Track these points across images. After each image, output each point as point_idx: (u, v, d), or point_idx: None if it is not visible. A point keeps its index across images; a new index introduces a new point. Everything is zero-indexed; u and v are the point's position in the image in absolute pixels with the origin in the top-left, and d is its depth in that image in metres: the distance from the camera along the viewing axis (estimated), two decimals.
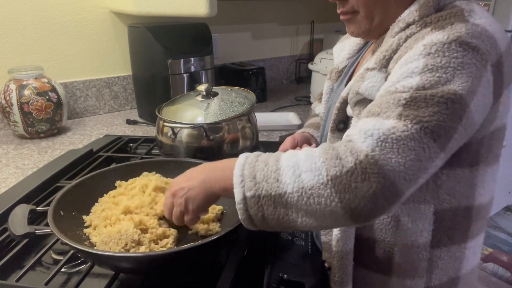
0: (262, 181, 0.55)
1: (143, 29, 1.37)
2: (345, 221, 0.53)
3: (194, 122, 0.96)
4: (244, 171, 0.57)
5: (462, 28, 0.57)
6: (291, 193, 0.53)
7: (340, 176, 0.51)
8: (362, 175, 0.51)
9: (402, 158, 0.51)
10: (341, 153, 0.53)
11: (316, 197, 0.52)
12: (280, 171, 0.54)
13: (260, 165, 0.56)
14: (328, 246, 0.75)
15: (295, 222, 0.55)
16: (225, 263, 0.65)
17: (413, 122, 0.53)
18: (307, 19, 2.26)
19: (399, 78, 0.58)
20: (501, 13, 2.11)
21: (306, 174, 0.53)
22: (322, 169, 0.52)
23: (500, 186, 2.65)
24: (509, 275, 2.18)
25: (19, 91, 1.26)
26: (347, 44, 0.92)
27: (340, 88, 0.86)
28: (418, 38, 0.60)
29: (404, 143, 0.52)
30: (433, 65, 0.56)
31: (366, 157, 0.51)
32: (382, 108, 0.56)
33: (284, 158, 0.56)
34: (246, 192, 0.55)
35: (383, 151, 0.52)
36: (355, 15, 0.72)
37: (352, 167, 0.51)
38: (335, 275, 0.71)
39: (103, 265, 0.64)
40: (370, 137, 0.53)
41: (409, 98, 0.54)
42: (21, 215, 0.68)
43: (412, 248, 0.69)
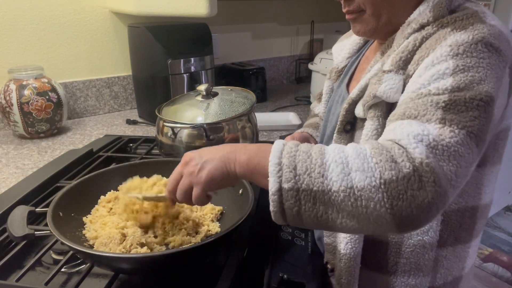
0: (303, 174, 0.50)
1: (143, 29, 1.37)
2: (390, 228, 0.49)
3: (194, 122, 0.96)
4: (282, 159, 0.51)
5: (484, 28, 0.57)
6: (336, 192, 0.49)
7: (396, 181, 0.47)
8: (419, 183, 0.47)
9: (453, 166, 0.49)
10: (396, 156, 0.49)
11: (364, 199, 0.48)
12: (326, 166, 0.50)
13: (302, 156, 0.51)
14: (331, 248, 0.75)
15: (333, 222, 0.50)
16: (225, 263, 0.65)
17: (459, 127, 0.51)
18: (307, 19, 2.26)
19: (429, 80, 0.57)
20: (501, 13, 2.11)
21: (357, 174, 0.48)
22: (376, 171, 0.48)
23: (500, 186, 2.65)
24: (509, 275, 2.18)
25: (19, 91, 1.26)
26: (347, 44, 0.92)
27: (341, 88, 0.86)
28: (439, 39, 0.60)
29: (455, 149, 0.50)
30: (464, 65, 0.55)
31: (421, 164, 0.48)
32: (419, 111, 0.54)
33: (330, 152, 0.51)
34: (284, 183, 0.50)
35: (436, 158, 0.49)
36: (361, 14, 0.71)
37: (410, 173, 0.48)
38: (341, 277, 0.71)
39: (103, 266, 0.64)
40: (421, 142, 0.50)
41: (448, 101, 0.53)
42: (20, 216, 0.68)
43: (418, 248, 0.69)
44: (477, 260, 2.28)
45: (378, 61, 0.71)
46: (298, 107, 1.74)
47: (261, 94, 1.82)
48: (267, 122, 1.45)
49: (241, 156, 0.56)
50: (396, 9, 0.69)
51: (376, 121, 0.65)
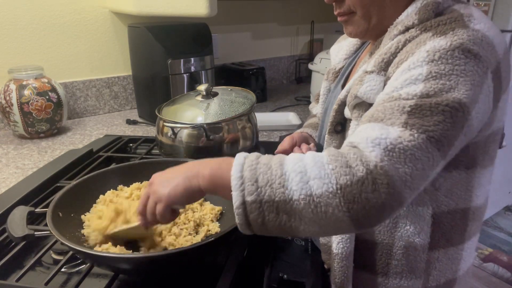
0: (265, 186, 0.52)
1: (143, 29, 1.37)
2: (349, 228, 0.52)
3: (194, 122, 0.96)
4: (243, 172, 0.53)
5: (464, 34, 0.57)
6: (297, 200, 0.51)
7: (351, 185, 0.50)
8: (373, 186, 0.49)
9: (408, 168, 0.51)
10: (351, 161, 0.51)
11: (323, 205, 0.50)
12: (286, 176, 0.52)
13: (263, 168, 0.53)
14: (326, 248, 0.75)
15: (297, 228, 0.53)
16: (225, 263, 0.65)
17: (419, 132, 0.52)
18: (307, 19, 2.26)
19: (402, 84, 0.57)
20: (501, 13, 2.11)
21: (315, 181, 0.50)
22: (332, 177, 0.50)
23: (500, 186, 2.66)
24: (509, 275, 2.18)
25: (19, 91, 1.26)
26: (344, 45, 0.92)
27: (337, 89, 0.86)
28: (419, 43, 0.60)
29: (411, 153, 0.51)
30: (437, 72, 0.55)
31: (375, 167, 0.50)
32: (386, 114, 0.55)
33: (289, 162, 0.53)
34: (247, 196, 0.52)
35: (391, 161, 0.51)
36: (352, 15, 0.72)
37: (363, 176, 0.50)
38: (335, 277, 0.71)
39: (102, 266, 0.64)
40: (378, 146, 0.52)
41: (414, 106, 0.54)
42: (19, 217, 0.68)
43: (410, 250, 0.69)
44: (477, 260, 2.28)
45: (366, 62, 0.71)
46: (298, 107, 1.74)
47: (261, 94, 1.82)
48: (267, 122, 1.45)
49: (204, 171, 0.57)
50: (386, 10, 0.69)
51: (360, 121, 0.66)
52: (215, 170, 0.57)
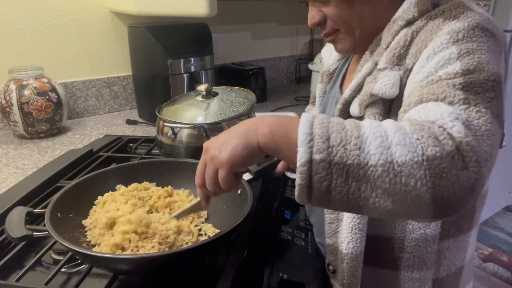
0: (338, 145, 0.46)
1: (143, 29, 1.37)
2: (426, 211, 0.45)
3: (194, 122, 0.96)
4: (314, 129, 0.47)
5: (476, 15, 0.59)
6: (374, 166, 0.44)
7: (441, 158, 0.44)
8: (462, 162, 0.44)
9: (488, 146, 0.47)
10: (438, 134, 0.46)
11: (405, 176, 0.44)
12: (363, 139, 0.46)
13: (336, 127, 0.47)
14: (333, 249, 0.75)
15: (366, 200, 0.46)
16: (225, 264, 0.65)
17: (484, 107, 0.50)
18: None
19: (435, 67, 0.56)
20: (501, 13, 2.11)
21: (397, 148, 0.45)
22: (418, 146, 0.45)
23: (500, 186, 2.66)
24: (509, 275, 2.18)
25: (19, 91, 1.26)
26: None
27: (334, 90, 0.86)
28: (433, 30, 0.60)
29: (486, 128, 0.48)
30: (467, 49, 0.56)
31: (461, 143, 0.45)
32: (438, 95, 0.52)
33: (367, 125, 0.48)
34: (315, 154, 0.46)
35: (475, 137, 0.46)
36: (337, 34, 0.75)
37: (453, 151, 0.44)
38: (344, 278, 0.71)
39: (101, 267, 0.64)
40: (457, 120, 0.47)
41: (463, 83, 0.52)
42: (17, 217, 0.68)
43: (421, 241, 0.69)
44: (477, 260, 2.28)
45: (367, 60, 0.72)
46: (298, 107, 1.74)
47: (261, 94, 1.82)
48: None
49: (263, 128, 0.52)
50: (366, 20, 0.71)
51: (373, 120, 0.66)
52: (276, 126, 0.51)
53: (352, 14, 0.70)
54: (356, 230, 0.69)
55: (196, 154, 0.96)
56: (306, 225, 0.87)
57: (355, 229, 0.69)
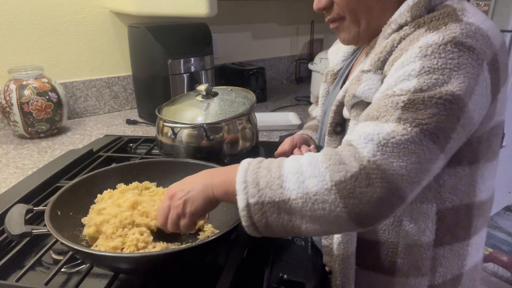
0: (265, 188, 0.54)
1: (143, 29, 1.37)
2: (350, 226, 0.53)
3: (194, 122, 0.96)
4: (247, 177, 0.56)
5: (457, 28, 0.57)
6: (295, 199, 0.52)
7: (345, 181, 0.51)
8: (366, 180, 0.50)
9: (403, 161, 0.51)
10: (345, 158, 0.53)
11: (320, 202, 0.51)
12: (284, 177, 0.54)
13: (263, 172, 0.56)
14: (329, 250, 0.75)
15: (299, 228, 0.54)
16: (225, 263, 0.65)
17: (412, 125, 0.53)
18: (307, 19, 2.26)
19: (396, 81, 0.58)
20: (501, 13, 2.11)
21: (310, 180, 0.52)
22: (326, 175, 0.52)
23: (500, 186, 2.66)
24: (509, 275, 2.18)
25: (19, 91, 1.26)
26: (342, 47, 0.92)
27: (336, 91, 0.86)
28: (413, 40, 0.60)
29: (404, 146, 0.52)
30: (430, 67, 0.56)
31: (368, 162, 0.51)
32: (380, 112, 0.56)
33: (286, 164, 0.56)
34: (250, 198, 0.55)
35: (384, 156, 0.51)
36: (342, 21, 0.73)
37: (357, 172, 0.51)
38: (336, 278, 0.71)
39: (101, 266, 0.64)
40: (371, 141, 0.53)
41: (407, 101, 0.54)
42: (18, 214, 0.68)
43: (415, 247, 0.69)
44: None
45: (362, 62, 0.72)
46: (298, 107, 1.74)
47: (261, 94, 1.82)
48: (267, 122, 1.45)
49: (216, 180, 0.61)
50: (373, 12, 0.70)
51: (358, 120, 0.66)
52: (224, 178, 0.60)
53: (360, 2, 0.69)
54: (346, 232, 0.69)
55: (196, 154, 0.96)
56: None
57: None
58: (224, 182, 0.60)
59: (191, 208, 0.62)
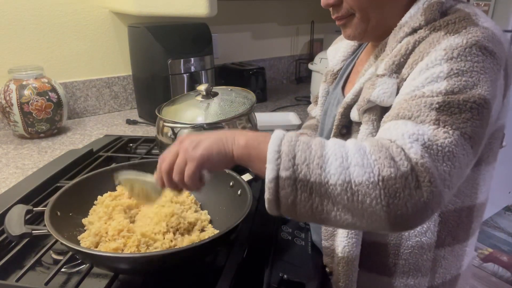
0: (302, 164, 0.49)
1: (143, 29, 1.37)
2: (383, 225, 0.49)
3: (194, 122, 0.96)
4: (282, 147, 0.51)
5: (478, 31, 0.57)
6: (333, 185, 0.48)
7: (394, 178, 0.47)
8: (416, 182, 0.47)
9: (447, 166, 0.49)
10: (395, 154, 0.49)
11: (361, 194, 0.48)
12: (325, 158, 0.49)
13: (302, 146, 0.51)
14: (330, 251, 0.75)
15: (328, 214, 0.50)
16: (225, 263, 0.65)
17: (453, 128, 0.51)
18: (307, 19, 2.26)
19: (423, 82, 0.57)
20: (501, 13, 2.11)
21: (355, 168, 0.48)
22: (375, 167, 0.48)
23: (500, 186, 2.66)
24: (509, 275, 2.18)
25: (19, 91, 1.26)
26: (341, 47, 0.92)
27: (336, 91, 0.86)
28: (433, 43, 0.59)
29: (449, 150, 0.50)
30: (458, 69, 0.55)
31: (416, 164, 0.48)
32: (413, 112, 0.54)
33: (331, 145, 0.51)
34: (281, 171, 0.49)
35: (431, 158, 0.49)
36: (350, 18, 0.72)
37: (407, 171, 0.48)
38: (339, 280, 0.71)
39: (101, 266, 0.64)
40: (416, 142, 0.50)
41: (441, 103, 0.53)
42: (17, 215, 0.68)
43: (417, 249, 0.69)
44: (477, 260, 2.28)
45: (372, 65, 0.71)
46: (298, 107, 1.74)
47: (261, 94, 1.82)
48: (267, 122, 1.45)
49: (240, 139, 0.55)
50: (384, 11, 0.69)
51: (371, 125, 0.66)
52: (251, 140, 0.55)
53: (371, 1, 0.68)
54: (352, 235, 0.69)
55: None
56: (306, 225, 0.87)
57: (351, 233, 0.69)
58: (250, 144, 0.54)
59: (202, 152, 0.56)
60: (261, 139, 0.54)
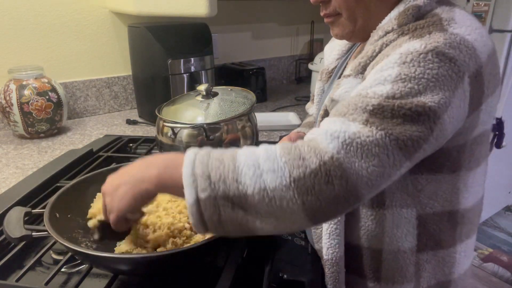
0: (218, 181, 0.50)
1: (143, 29, 1.37)
2: (304, 222, 0.51)
3: (194, 122, 0.96)
4: (195, 169, 0.51)
5: (440, 37, 0.56)
6: (251, 195, 0.49)
7: (304, 177, 0.49)
8: (326, 177, 0.49)
9: (365, 163, 0.50)
10: (305, 153, 0.51)
11: (278, 199, 0.49)
12: (239, 170, 0.50)
13: (215, 163, 0.51)
14: (320, 254, 0.75)
15: (253, 224, 0.51)
16: (225, 263, 0.65)
17: (378, 129, 0.52)
18: (307, 19, 2.26)
19: (371, 83, 0.57)
20: (501, 13, 2.11)
21: (268, 175, 0.50)
22: (285, 170, 0.50)
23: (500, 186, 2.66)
24: (509, 275, 2.19)
25: (19, 91, 1.26)
26: (336, 45, 0.92)
27: (330, 89, 0.86)
28: (395, 46, 0.59)
29: (368, 148, 0.51)
30: (407, 74, 0.54)
31: (330, 159, 0.50)
32: (349, 110, 0.55)
33: (241, 156, 0.52)
34: (200, 193, 0.50)
35: (347, 154, 0.50)
36: (338, 17, 0.72)
37: (316, 168, 0.49)
38: (327, 282, 0.72)
39: (101, 267, 0.64)
40: (336, 139, 0.52)
41: (376, 105, 0.53)
42: (16, 217, 0.67)
43: (398, 253, 0.69)
44: (477, 260, 2.28)
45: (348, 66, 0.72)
46: (298, 107, 1.74)
47: (261, 94, 1.82)
48: (267, 122, 1.45)
49: (151, 172, 0.56)
50: (371, 12, 0.69)
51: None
52: (162, 170, 0.55)
53: (359, 2, 0.68)
54: (333, 236, 0.69)
55: None
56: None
57: (332, 234, 0.70)
58: (162, 175, 0.55)
59: (118, 206, 0.58)
60: (172, 165, 0.55)
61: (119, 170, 0.61)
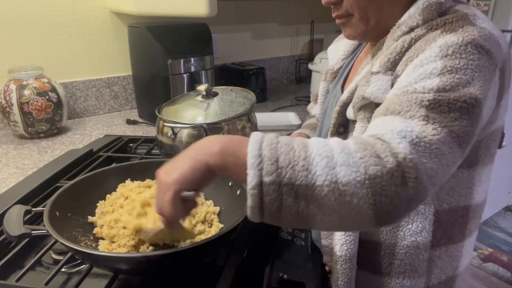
0: (286, 167, 0.47)
1: (143, 29, 1.37)
2: (369, 223, 0.48)
3: (194, 122, 0.96)
4: (263, 151, 0.48)
5: (474, 30, 0.57)
6: (320, 186, 0.46)
7: (381, 176, 0.46)
8: (402, 179, 0.47)
9: (434, 163, 0.49)
10: (380, 152, 0.48)
11: (349, 194, 0.46)
12: (310, 159, 0.47)
13: (284, 148, 0.48)
14: (329, 250, 0.75)
15: (313, 217, 0.48)
16: (225, 263, 0.65)
17: (441, 126, 0.51)
18: (307, 19, 2.26)
19: (416, 79, 0.57)
20: (501, 13, 2.11)
21: (342, 168, 0.47)
22: (361, 166, 0.47)
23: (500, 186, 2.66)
24: (509, 275, 2.18)
25: (19, 91, 1.26)
26: (341, 45, 0.92)
27: (336, 89, 0.86)
28: (429, 40, 0.60)
29: (436, 147, 0.50)
30: (452, 66, 0.55)
31: (404, 160, 0.48)
32: (403, 107, 0.54)
33: (314, 145, 0.49)
34: (264, 176, 0.47)
35: (418, 155, 0.49)
36: (350, 18, 0.72)
37: (393, 168, 0.47)
38: (338, 279, 0.71)
39: (101, 266, 0.64)
40: (404, 138, 0.50)
41: (432, 100, 0.53)
42: (16, 215, 0.68)
43: (412, 249, 0.69)
44: (477, 260, 2.28)
45: (368, 63, 0.71)
46: (298, 107, 1.74)
47: (261, 94, 1.82)
48: (267, 122, 1.45)
49: (213, 147, 0.51)
50: (383, 12, 0.69)
51: (366, 123, 0.66)
52: (226, 146, 0.51)
53: (371, 2, 0.68)
54: (349, 232, 0.69)
55: None
56: None
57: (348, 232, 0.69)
58: (225, 151, 0.51)
59: (174, 179, 0.52)
60: (237, 144, 0.51)
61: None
